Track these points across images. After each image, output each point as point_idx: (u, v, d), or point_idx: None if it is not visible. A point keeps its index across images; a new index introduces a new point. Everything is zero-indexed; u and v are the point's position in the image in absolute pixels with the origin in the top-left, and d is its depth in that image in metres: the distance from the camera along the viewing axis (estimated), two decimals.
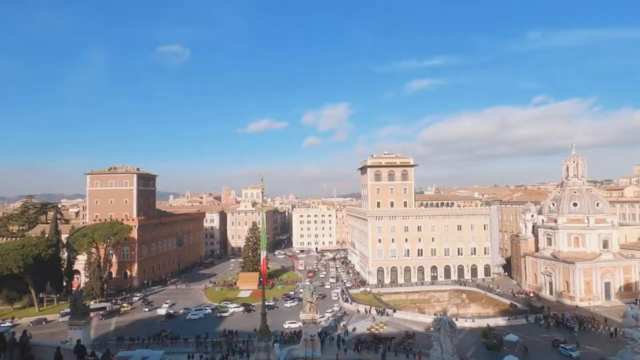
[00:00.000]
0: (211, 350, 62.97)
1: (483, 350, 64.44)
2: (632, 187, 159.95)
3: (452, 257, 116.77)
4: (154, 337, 70.18)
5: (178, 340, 68.37)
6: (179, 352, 61.53)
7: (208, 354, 61.01)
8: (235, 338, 68.75)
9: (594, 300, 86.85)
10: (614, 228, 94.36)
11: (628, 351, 34.75)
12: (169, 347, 64.63)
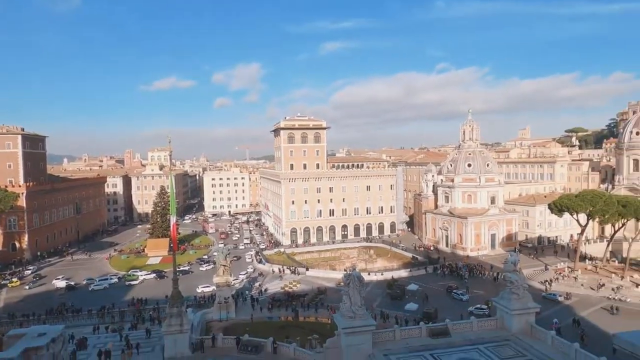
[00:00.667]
0: (119, 320, 60.27)
1: (388, 300, 69.93)
2: (516, 149, 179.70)
3: (361, 216, 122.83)
4: (52, 311, 65.06)
5: (80, 313, 64.20)
6: (82, 325, 58.03)
7: (115, 324, 58.34)
8: (145, 306, 66.45)
9: (482, 250, 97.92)
10: (500, 186, 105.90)
11: (507, 291, 39.94)
12: (70, 320, 60.57)
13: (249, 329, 50.85)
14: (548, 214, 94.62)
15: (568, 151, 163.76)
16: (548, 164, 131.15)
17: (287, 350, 41.39)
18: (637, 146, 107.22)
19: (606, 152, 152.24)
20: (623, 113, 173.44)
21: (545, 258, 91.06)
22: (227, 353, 42.29)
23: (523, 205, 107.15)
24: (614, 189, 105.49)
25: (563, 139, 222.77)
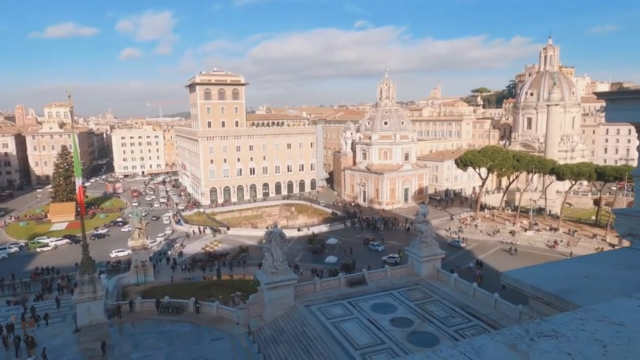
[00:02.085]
0: (21, 292, 55.60)
1: (309, 254, 72.30)
2: (428, 108, 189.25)
3: (282, 174, 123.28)
4: None
5: None
6: None
7: (17, 295, 53.79)
8: (52, 275, 61.89)
9: (396, 204, 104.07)
10: (413, 143, 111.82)
11: (417, 241, 43.27)
12: None
13: (169, 291, 49.84)
14: (454, 168, 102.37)
15: (473, 110, 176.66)
16: (456, 122, 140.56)
17: (210, 309, 41.47)
18: (531, 106, 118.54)
19: (505, 112, 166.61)
20: (521, 75, 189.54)
21: (451, 209, 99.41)
22: (146, 316, 41.29)
23: (433, 161, 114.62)
24: (510, 145, 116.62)
25: (469, 98, 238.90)
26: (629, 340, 1.23)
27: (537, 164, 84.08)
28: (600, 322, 1.35)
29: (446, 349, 1.31)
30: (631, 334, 1.25)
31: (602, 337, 1.24)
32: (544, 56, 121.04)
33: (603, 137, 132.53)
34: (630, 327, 1.30)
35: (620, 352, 1.18)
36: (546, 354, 1.21)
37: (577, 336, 1.26)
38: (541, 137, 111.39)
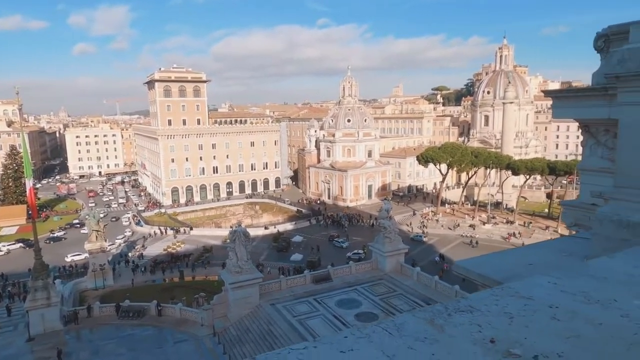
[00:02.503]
0: None
1: (274, 253, 72.00)
2: (391, 105, 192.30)
3: (246, 172, 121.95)
4: None
5: None
6: None
7: None
8: (2, 282, 58.59)
9: (360, 200, 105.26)
10: (376, 140, 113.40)
11: (381, 236, 43.96)
12: None
13: (129, 294, 48.26)
14: (416, 165, 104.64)
15: (434, 108, 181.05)
16: (417, 120, 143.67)
17: (173, 311, 40.55)
18: (488, 104, 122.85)
19: (464, 109, 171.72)
20: (478, 74, 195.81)
21: (414, 204, 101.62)
22: (106, 322, 39.87)
23: (396, 157, 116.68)
24: (469, 142, 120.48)
25: (430, 96, 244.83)
26: (534, 311, 1.38)
27: (494, 159, 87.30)
28: (512, 297, 1.49)
29: (371, 326, 1.40)
30: (537, 307, 1.40)
31: (511, 310, 1.38)
32: (500, 56, 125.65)
33: (554, 134, 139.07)
34: (538, 300, 1.46)
35: (524, 321, 1.31)
36: (459, 326, 1.32)
37: (489, 310, 1.39)
38: (498, 134, 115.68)
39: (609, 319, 1.34)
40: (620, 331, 1.25)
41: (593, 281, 1.53)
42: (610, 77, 4.98)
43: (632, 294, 1.49)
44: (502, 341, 1.23)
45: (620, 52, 4.72)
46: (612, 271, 1.62)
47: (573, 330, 1.25)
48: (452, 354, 1.16)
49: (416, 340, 1.24)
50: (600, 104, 6.12)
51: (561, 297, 1.49)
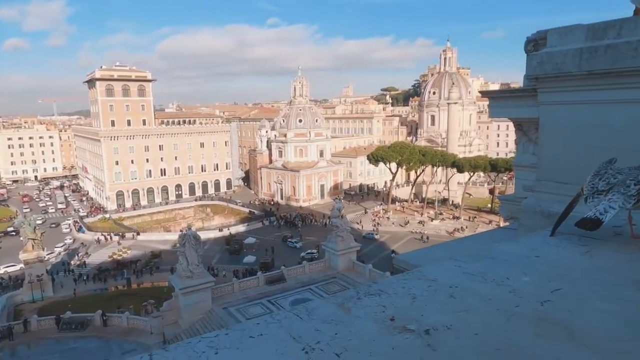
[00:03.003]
0: None
1: (227, 255, 70.84)
2: (341, 105, 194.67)
3: (196, 174, 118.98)
4: None
5: None
6: None
7: None
8: None
9: (313, 200, 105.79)
10: (328, 140, 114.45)
11: (333, 235, 44.44)
12: None
13: (71, 305, 45.72)
14: (367, 164, 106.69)
15: (383, 108, 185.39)
16: (367, 120, 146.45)
17: (120, 321, 38.86)
18: (434, 104, 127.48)
19: (412, 109, 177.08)
20: (424, 75, 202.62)
21: (365, 203, 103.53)
22: (45, 336, 37.50)
23: (347, 157, 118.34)
24: (417, 141, 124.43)
25: (379, 96, 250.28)
26: (435, 291, 1.46)
27: (441, 157, 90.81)
28: (419, 280, 1.56)
29: (283, 312, 1.46)
30: (439, 287, 1.49)
31: (415, 291, 1.45)
32: (444, 58, 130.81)
33: (495, 132, 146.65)
34: (441, 282, 1.54)
35: (424, 301, 1.39)
36: (366, 307, 1.40)
37: (396, 292, 1.46)
38: (443, 133, 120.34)
39: (498, 294, 1.46)
40: (505, 304, 1.37)
41: (494, 263, 1.67)
42: (531, 78, 5.36)
43: (523, 272, 1.54)
44: (401, 319, 1.32)
45: (539, 56, 5.08)
46: (512, 254, 1.78)
47: (465, 306, 1.37)
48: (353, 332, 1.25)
49: (323, 323, 1.33)
50: (530, 104, 6.51)
51: (462, 278, 1.57)
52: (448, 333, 1.23)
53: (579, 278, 1.54)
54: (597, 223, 1.71)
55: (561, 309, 1.33)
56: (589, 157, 4.68)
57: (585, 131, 4.81)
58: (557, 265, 1.65)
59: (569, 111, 5.02)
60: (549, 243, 1.91)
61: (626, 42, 4.36)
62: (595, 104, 4.73)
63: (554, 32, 5.17)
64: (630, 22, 4.57)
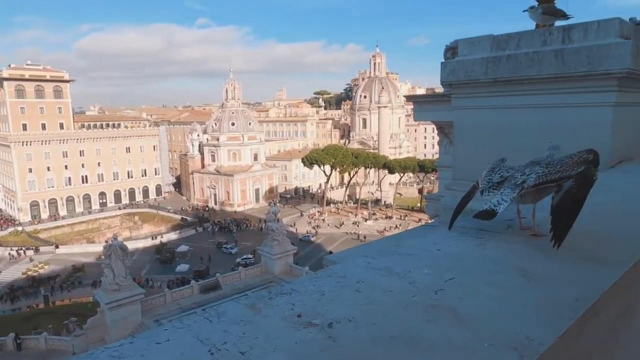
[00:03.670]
0: None
1: (158, 265, 67.70)
2: (275, 109, 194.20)
3: (122, 181, 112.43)
4: None
5: None
6: None
7: None
8: None
9: (248, 205, 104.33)
10: (262, 144, 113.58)
11: (269, 239, 44.19)
12: None
13: None
14: (302, 167, 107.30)
15: (316, 111, 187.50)
16: (301, 123, 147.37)
17: (37, 343, 35.69)
18: (365, 108, 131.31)
19: (344, 113, 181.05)
20: (355, 79, 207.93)
21: (301, 206, 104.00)
22: None
23: (281, 160, 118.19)
24: (350, 143, 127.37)
25: (312, 100, 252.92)
26: (343, 287, 1.52)
27: (372, 159, 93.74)
28: (330, 278, 1.61)
29: (193, 317, 1.46)
30: (347, 283, 1.55)
31: (324, 288, 1.51)
32: (374, 63, 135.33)
33: (423, 135, 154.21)
34: (349, 278, 1.60)
35: (332, 297, 1.45)
36: (275, 307, 1.44)
37: (307, 290, 1.52)
38: (375, 136, 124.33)
39: (399, 286, 1.54)
40: (404, 295, 1.45)
41: (400, 258, 1.80)
42: (445, 85, 5.77)
43: (425, 265, 1.68)
44: (308, 315, 1.36)
45: (452, 64, 5.49)
46: (418, 248, 1.92)
47: (368, 299, 1.43)
48: (260, 330, 1.29)
49: (232, 324, 1.34)
50: (449, 108, 6.91)
51: (369, 273, 1.64)
52: (349, 325, 1.30)
53: (471, 267, 1.70)
54: (492, 214, 1.90)
55: (452, 296, 1.45)
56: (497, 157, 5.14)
57: (493, 133, 5.26)
58: (454, 257, 1.81)
59: (478, 115, 5.46)
60: (450, 237, 2.08)
61: (524, 53, 4.84)
62: (500, 109, 5.20)
63: (464, 42, 5.60)
64: (527, 35, 5.07)
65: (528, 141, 4.81)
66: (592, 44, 4.38)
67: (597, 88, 4.44)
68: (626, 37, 4.36)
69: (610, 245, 1.99)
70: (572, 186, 1.92)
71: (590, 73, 4.37)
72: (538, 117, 4.90)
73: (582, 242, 2.02)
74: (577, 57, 4.42)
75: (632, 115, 4.93)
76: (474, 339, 1.21)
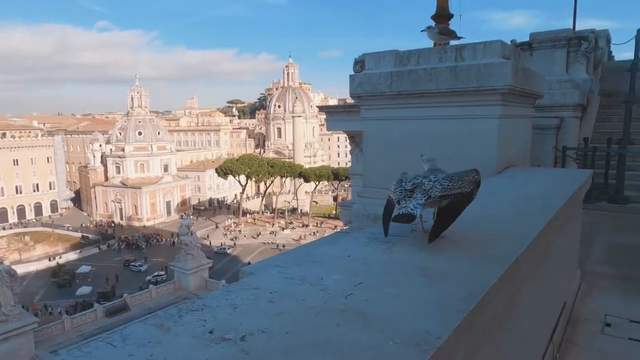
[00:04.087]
0: None
1: (55, 290, 61.21)
2: (186, 117, 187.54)
3: (8, 197, 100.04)
4: None
5: None
6: None
7: None
8: None
9: (158, 218, 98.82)
10: (172, 154, 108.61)
11: (182, 254, 42.36)
12: None
13: None
14: (216, 177, 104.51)
15: (230, 120, 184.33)
16: (214, 132, 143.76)
17: None
18: (279, 117, 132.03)
19: (259, 122, 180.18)
20: (269, 89, 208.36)
21: (216, 218, 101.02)
22: None
23: (194, 171, 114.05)
24: (265, 153, 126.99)
25: (225, 109, 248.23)
26: (256, 299, 1.52)
27: (288, 168, 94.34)
28: (243, 290, 1.60)
29: (94, 342, 1.35)
30: (260, 294, 1.56)
31: (237, 301, 1.48)
32: (287, 73, 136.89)
33: (336, 144, 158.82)
34: (263, 289, 1.60)
35: (245, 309, 1.43)
36: (186, 324, 1.38)
37: (219, 305, 1.47)
38: (290, 145, 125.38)
39: (311, 294, 1.55)
40: (315, 302, 1.47)
41: (313, 265, 1.85)
42: (354, 97, 6.04)
43: (335, 271, 1.75)
44: (220, 330, 1.33)
45: (360, 77, 5.77)
46: (330, 256, 1.99)
47: (281, 309, 1.43)
48: (169, 351, 1.23)
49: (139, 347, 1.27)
50: (359, 118, 7.18)
51: (282, 283, 1.67)
52: (262, 336, 1.28)
53: (378, 270, 1.81)
54: (411, 217, 2.06)
55: (360, 299, 1.50)
56: (402, 165, 5.51)
57: (397, 142, 5.62)
58: (363, 261, 1.90)
59: (384, 125, 5.80)
60: (359, 243, 2.18)
61: (424, 69, 5.26)
62: (404, 120, 5.57)
63: (371, 56, 5.93)
64: (426, 52, 5.52)
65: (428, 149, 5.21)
66: (479, 62, 4.89)
67: (485, 102, 4.96)
68: (507, 57, 4.94)
69: (497, 243, 2.23)
70: (458, 200, 2.23)
71: (479, 88, 4.87)
72: (436, 127, 5.35)
73: (474, 242, 2.25)
74: (467, 74, 4.91)
75: (513, 127, 5.58)
76: (380, 339, 1.26)
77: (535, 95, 6.12)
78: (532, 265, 2.39)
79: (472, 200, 2.29)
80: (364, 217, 5.99)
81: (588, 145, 11.16)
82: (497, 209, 3.17)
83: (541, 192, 4.23)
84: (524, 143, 6.37)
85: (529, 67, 5.91)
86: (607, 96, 13.99)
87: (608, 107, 13.64)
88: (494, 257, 1.98)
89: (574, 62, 12.23)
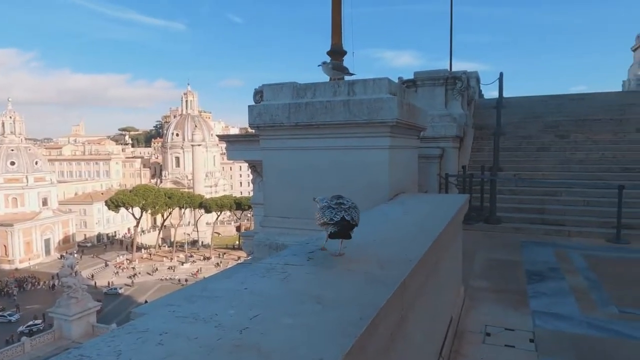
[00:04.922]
0: None
1: None
2: (70, 146, 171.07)
3: None
4: None
5: None
6: None
7: None
8: None
9: (34, 259, 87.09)
10: (53, 186, 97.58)
11: (65, 298, 37.86)
12: None
13: None
14: (106, 210, 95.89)
15: (122, 149, 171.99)
16: (104, 162, 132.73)
17: None
18: (178, 145, 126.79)
19: (155, 151, 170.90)
20: (166, 116, 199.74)
21: (106, 255, 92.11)
22: None
23: (80, 204, 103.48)
24: (162, 183, 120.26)
25: (117, 137, 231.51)
26: (144, 342, 1.41)
27: (187, 199, 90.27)
28: (128, 334, 1.48)
29: None
30: (148, 337, 1.45)
31: (122, 347, 1.36)
32: (186, 100, 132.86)
33: (238, 173, 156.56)
34: (152, 331, 1.51)
35: (129, 355, 1.32)
36: None
37: (100, 353, 1.33)
38: (189, 175, 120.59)
39: (204, 331, 1.49)
40: (209, 340, 1.41)
41: (207, 301, 1.78)
42: (253, 127, 6.08)
43: (230, 306, 1.71)
44: None
45: (259, 107, 5.85)
46: (224, 290, 1.94)
47: (170, 351, 1.34)
48: None
49: None
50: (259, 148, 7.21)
51: (174, 323, 1.58)
52: None
53: (275, 301, 1.80)
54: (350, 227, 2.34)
55: (256, 332, 1.46)
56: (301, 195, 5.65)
57: (297, 172, 5.75)
58: (259, 294, 1.89)
59: (283, 155, 5.91)
60: (257, 275, 2.16)
61: (319, 102, 5.51)
62: (301, 150, 5.74)
63: (269, 87, 6.06)
64: (321, 85, 5.80)
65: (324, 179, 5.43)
66: (370, 97, 5.28)
67: (376, 134, 5.34)
68: (393, 93, 5.40)
69: (388, 266, 2.38)
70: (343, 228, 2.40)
71: (370, 121, 5.24)
72: (332, 157, 5.60)
73: (367, 266, 2.37)
74: (359, 107, 5.26)
75: (402, 157, 6.06)
76: None
77: (419, 128, 6.74)
78: (420, 284, 2.58)
79: None
80: (265, 247, 5.95)
81: (466, 172, 12.53)
82: (389, 234, 3.38)
83: (428, 215, 4.62)
84: (412, 171, 6.94)
85: (413, 102, 6.52)
86: (480, 129, 15.92)
87: (480, 138, 15.50)
88: (384, 280, 2.09)
89: (451, 99, 13.79)
